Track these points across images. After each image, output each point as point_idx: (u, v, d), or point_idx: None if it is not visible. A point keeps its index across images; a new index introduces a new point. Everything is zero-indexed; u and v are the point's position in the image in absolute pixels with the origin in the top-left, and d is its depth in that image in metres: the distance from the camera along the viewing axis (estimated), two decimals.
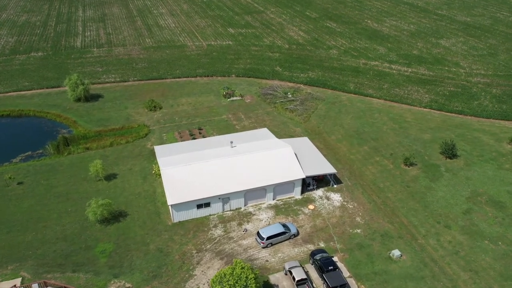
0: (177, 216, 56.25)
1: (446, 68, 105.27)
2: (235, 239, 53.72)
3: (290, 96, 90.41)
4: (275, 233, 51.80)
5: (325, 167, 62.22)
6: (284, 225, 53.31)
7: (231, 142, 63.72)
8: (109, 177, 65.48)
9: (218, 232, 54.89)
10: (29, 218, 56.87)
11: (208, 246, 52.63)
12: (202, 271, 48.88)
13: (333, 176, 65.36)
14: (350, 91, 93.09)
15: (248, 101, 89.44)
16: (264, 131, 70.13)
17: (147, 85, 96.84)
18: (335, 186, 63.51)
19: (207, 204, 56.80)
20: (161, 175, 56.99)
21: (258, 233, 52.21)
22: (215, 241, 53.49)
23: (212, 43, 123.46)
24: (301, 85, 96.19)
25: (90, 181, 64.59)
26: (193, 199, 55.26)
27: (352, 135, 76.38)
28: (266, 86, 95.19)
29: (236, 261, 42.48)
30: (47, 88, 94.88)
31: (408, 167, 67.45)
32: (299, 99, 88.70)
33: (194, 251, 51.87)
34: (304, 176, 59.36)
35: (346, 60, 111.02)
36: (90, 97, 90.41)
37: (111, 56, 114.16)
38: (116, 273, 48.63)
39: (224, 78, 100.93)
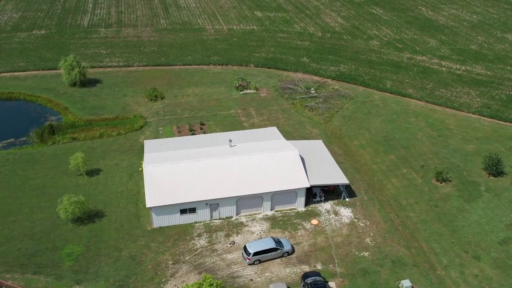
0: (157, 221, 57.21)
1: (509, 67, 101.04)
2: (219, 252, 53.97)
3: (313, 91, 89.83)
4: (264, 248, 51.61)
5: (336, 177, 61.36)
6: (276, 240, 53.01)
7: (230, 141, 64.09)
8: (92, 172, 67.50)
9: (201, 242, 55.37)
10: None
11: (187, 258, 53.18)
12: (175, 286, 49.47)
13: (346, 187, 64.30)
14: (386, 89, 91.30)
15: (263, 95, 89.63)
16: (272, 130, 70.05)
17: (152, 72, 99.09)
18: (347, 199, 62.50)
19: (192, 210, 57.42)
20: (143, 173, 58.13)
21: (244, 247, 52.21)
22: (196, 252, 53.96)
23: (234, 27, 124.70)
24: (329, 80, 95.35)
25: (70, 175, 66.86)
26: (176, 202, 56.02)
27: (379, 141, 74.91)
28: (287, 79, 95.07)
29: (206, 276, 42.72)
30: (43, 70, 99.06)
31: (440, 183, 65.32)
32: (323, 95, 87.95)
33: (170, 262, 52.57)
34: (308, 185, 58.80)
35: (387, 53, 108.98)
36: (87, 82, 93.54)
37: (119, 37, 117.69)
38: (80, 279, 50.07)
39: (241, 67, 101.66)
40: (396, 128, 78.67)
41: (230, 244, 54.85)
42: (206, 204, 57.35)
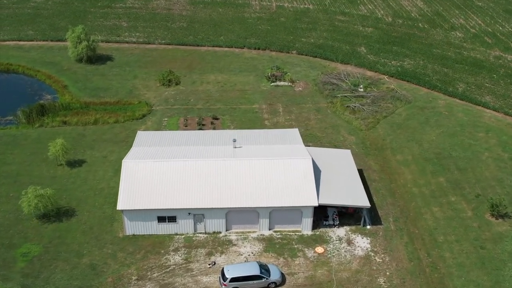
0: (130, 227, 58.95)
1: None
2: (194, 272, 54.77)
3: (361, 90, 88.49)
4: (245, 275, 51.69)
5: (355, 197, 60.21)
6: (263, 267, 52.92)
7: (234, 141, 64.75)
8: (74, 163, 70.68)
9: (176, 258, 56.41)
10: None
11: (155, 275, 54.40)
12: None
13: (370, 212, 62.92)
14: (456, 94, 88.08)
15: (298, 89, 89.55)
16: (292, 132, 69.90)
17: (174, 52, 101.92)
18: (368, 227, 61.16)
19: (172, 219, 58.59)
20: (121, 169, 60.15)
21: (222, 271, 52.62)
22: (168, 269, 55.06)
23: (286, 4, 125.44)
24: (385, 77, 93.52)
25: (49, 164, 70.42)
26: (153, 207, 57.44)
27: (429, 159, 72.52)
28: (332, 72, 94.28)
29: None
30: (51, 40, 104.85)
31: (496, 219, 62.23)
32: (372, 95, 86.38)
33: (134, 277, 54.03)
34: (316, 204, 58.18)
35: (470, 48, 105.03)
36: (96, 58, 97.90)
37: (146, 8, 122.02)
38: (28, 284, 52.72)
39: (280, 54, 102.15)
40: (456, 144, 75.70)
41: (209, 264, 55.43)
42: (189, 213, 58.31)
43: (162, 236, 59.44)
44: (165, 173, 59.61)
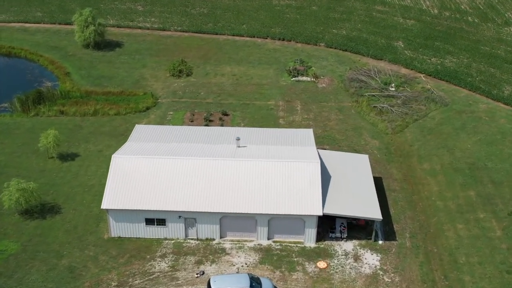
0: (115, 229, 59.75)
1: None
2: (180, 281, 55.12)
3: (392, 89, 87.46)
4: (233, 287, 51.71)
5: (367, 208, 59.52)
6: (254, 280, 52.84)
7: (238, 139, 64.94)
8: (67, 157, 72.14)
9: (162, 265, 56.88)
10: None
11: (137, 282, 54.97)
12: None
13: (381, 225, 62.09)
14: (501, 97, 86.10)
15: (322, 85, 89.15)
16: (305, 133, 69.64)
17: (189, 40, 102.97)
18: (380, 242, 60.37)
19: (161, 222, 59.11)
20: (110, 164, 61.05)
21: (208, 282, 52.78)
22: (151, 276, 55.56)
23: None
24: (422, 76, 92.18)
25: (40, 157, 72.04)
26: (141, 208, 58.08)
27: (460, 169, 71.06)
28: (362, 68, 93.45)
29: None
30: (59, 23, 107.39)
31: None
32: (404, 95, 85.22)
33: (114, 283, 54.71)
34: (321, 213, 57.76)
35: None
36: (105, 44, 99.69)
37: None
38: None
39: (307, 46, 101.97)
40: (494, 153, 73.92)
41: (197, 274, 55.70)
42: (179, 217, 58.69)
43: (149, 240, 60.01)
44: (157, 171, 60.18)
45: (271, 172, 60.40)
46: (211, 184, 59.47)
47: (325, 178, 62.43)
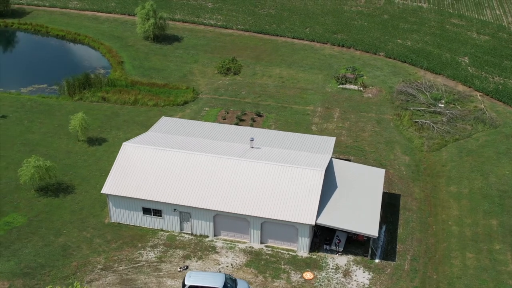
0: (115, 214, 61.65)
1: None
2: (162, 273, 55.98)
3: (441, 105, 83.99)
4: (206, 285, 51.66)
5: (364, 223, 57.62)
6: (229, 281, 52.72)
7: (252, 140, 65.07)
8: (95, 141, 75.27)
9: (150, 255, 58.03)
10: None
11: (121, 268, 56.45)
12: None
13: (383, 243, 59.89)
14: None
15: (367, 95, 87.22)
16: (327, 141, 68.51)
17: (248, 39, 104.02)
18: (376, 260, 58.29)
19: (158, 213, 60.29)
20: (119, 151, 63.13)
21: (184, 278, 53.29)
22: (136, 265, 56.86)
23: (398, 0, 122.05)
24: (478, 94, 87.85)
25: (70, 139, 75.66)
26: (137, 197, 59.57)
27: (489, 196, 67.13)
28: (416, 81, 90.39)
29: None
30: (129, 15, 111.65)
31: None
32: (451, 113, 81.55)
33: (99, 266, 56.50)
34: (313, 223, 56.68)
35: None
36: (164, 38, 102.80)
37: None
38: None
39: (365, 54, 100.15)
40: None
41: (180, 268, 56.34)
42: (174, 210, 59.59)
43: (146, 230, 61.37)
44: (160, 162, 61.43)
45: (271, 175, 59.92)
46: (209, 180, 59.89)
47: (330, 188, 61.11)
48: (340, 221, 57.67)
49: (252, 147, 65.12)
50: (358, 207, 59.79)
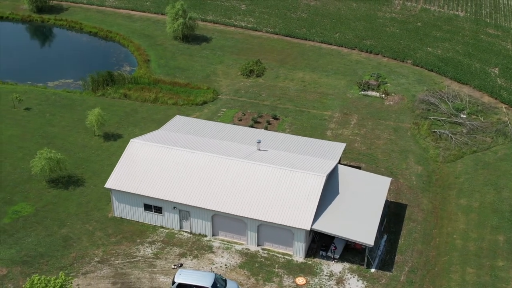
0: (118, 209, 62.80)
1: None
2: (156, 269, 56.73)
3: (463, 116, 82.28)
4: (194, 284, 52.06)
5: (361, 231, 57.03)
6: (219, 281, 53.02)
7: (259, 142, 65.32)
8: (110, 137, 76.84)
9: (147, 251, 58.88)
10: None
11: (117, 262, 57.46)
12: (76, 285, 54.50)
13: (381, 253, 59.14)
14: None
15: (388, 103, 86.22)
16: (336, 147, 68.26)
17: (276, 42, 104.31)
18: (372, 270, 57.60)
19: (158, 210, 61.11)
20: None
21: (174, 275, 53.88)
22: (132, 260, 57.77)
23: (433, 8, 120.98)
24: (503, 106, 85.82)
25: (87, 133, 77.44)
26: (139, 193, 60.54)
27: (500, 211, 65.38)
28: (441, 90, 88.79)
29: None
30: (162, 14, 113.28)
31: None
32: (471, 124, 79.76)
33: (96, 259, 57.70)
34: (308, 228, 56.45)
35: None
36: (193, 38, 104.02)
37: None
38: None
39: (392, 61, 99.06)
40: None
41: (174, 265, 56.94)
42: (174, 207, 60.29)
43: (147, 226, 62.28)
44: (164, 160, 62.27)
45: (271, 178, 59.97)
46: (209, 180, 60.38)
47: (331, 194, 60.74)
48: (336, 228, 57.24)
49: (259, 150, 65.26)
50: (358, 215, 59.20)
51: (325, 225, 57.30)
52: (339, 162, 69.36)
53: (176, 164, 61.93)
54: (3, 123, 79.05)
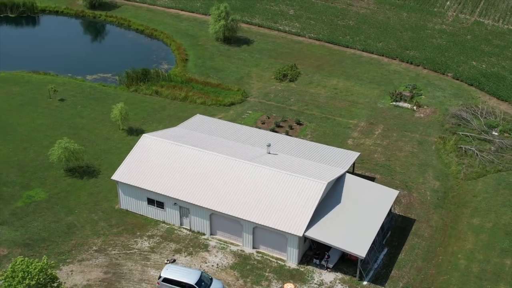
0: (124, 201, 64.30)
1: None
2: (149, 262, 57.75)
3: (495, 133, 79.40)
4: (179, 280, 52.67)
5: (354, 242, 56.08)
6: (204, 279, 53.43)
7: (268, 145, 65.47)
8: (134, 131, 78.68)
9: (144, 244, 60.02)
10: (26, 134, 76.63)
11: (114, 252, 58.89)
12: (71, 271, 56.23)
13: (378, 266, 57.91)
14: None
15: (418, 115, 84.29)
16: (349, 155, 67.50)
17: (316, 48, 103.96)
18: (364, 282, 56.52)
19: (160, 205, 62.17)
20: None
21: (162, 270, 54.70)
22: (129, 251, 59.04)
23: (487, 21, 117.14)
24: None
25: (113, 127, 79.61)
26: (142, 187, 61.80)
27: None
28: (474, 105, 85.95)
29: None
30: (209, 15, 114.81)
31: None
32: (500, 143, 76.85)
33: (94, 248, 59.32)
34: (300, 234, 56.02)
35: None
36: (235, 40, 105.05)
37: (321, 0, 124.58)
38: (6, 220, 61.85)
39: (432, 73, 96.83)
40: None
41: (167, 261, 57.78)
42: (175, 204, 61.17)
43: (149, 220, 63.44)
44: (171, 156, 63.30)
45: (271, 182, 59.87)
46: (210, 179, 60.92)
47: (332, 202, 60.07)
48: (330, 237, 56.53)
49: (269, 153, 65.25)
50: (356, 225, 58.26)
51: (319, 233, 56.66)
52: (352, 171, 68.57)
53: (181, 161, 62.80)
54: (36, 112, 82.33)
